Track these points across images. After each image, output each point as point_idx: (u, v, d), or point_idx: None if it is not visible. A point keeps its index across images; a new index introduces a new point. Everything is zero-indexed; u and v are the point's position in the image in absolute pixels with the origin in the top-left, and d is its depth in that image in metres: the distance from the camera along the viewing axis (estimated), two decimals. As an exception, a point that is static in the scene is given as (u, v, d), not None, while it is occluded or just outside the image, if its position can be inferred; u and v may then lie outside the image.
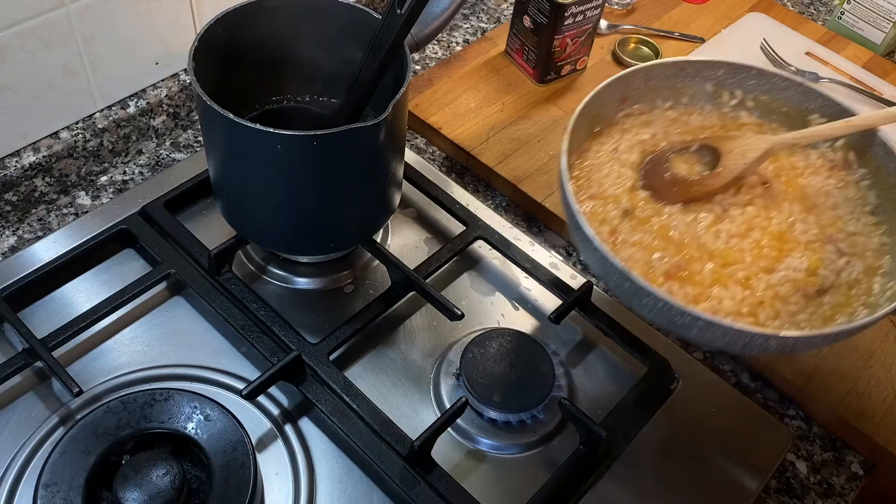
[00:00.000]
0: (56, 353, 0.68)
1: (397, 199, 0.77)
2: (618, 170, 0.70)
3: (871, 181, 0.70)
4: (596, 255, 0.61)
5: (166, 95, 0.86)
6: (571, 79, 1.01)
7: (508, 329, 0.73)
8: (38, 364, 0.69)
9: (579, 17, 0.93)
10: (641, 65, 0.73)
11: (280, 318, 0.72)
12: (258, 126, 0.61)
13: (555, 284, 0.77)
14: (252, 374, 0.70)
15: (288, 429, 0.68)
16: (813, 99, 0.72)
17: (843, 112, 0.71)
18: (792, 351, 0.62)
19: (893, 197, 0.68)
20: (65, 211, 0.82)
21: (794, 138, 0.69)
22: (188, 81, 0.87)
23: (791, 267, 0.64)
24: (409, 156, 0.88)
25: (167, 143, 0.89)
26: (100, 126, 0.82)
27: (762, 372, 0.76)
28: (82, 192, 0.84)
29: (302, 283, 0.78)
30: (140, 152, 0.87)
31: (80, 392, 0.65)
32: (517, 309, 0.78)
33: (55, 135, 0.80)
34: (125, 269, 0.77)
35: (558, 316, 0.74)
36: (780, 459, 0.70)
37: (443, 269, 0.79)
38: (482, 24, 1.10)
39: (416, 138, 0.95)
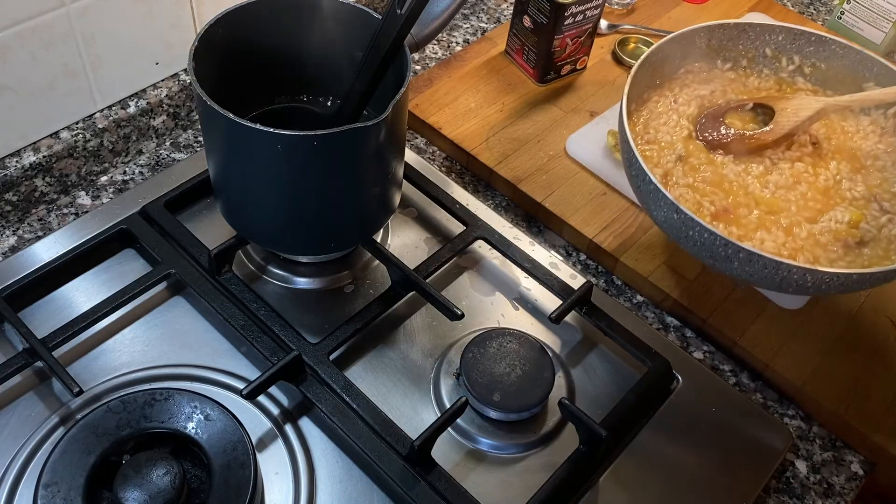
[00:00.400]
0: (56, 353, 0.68)
1: (397, 199, 0.77)
2: (676, 119, 0.73)
3: None
4: (648, 188, 0.63)
5: (166, 95, 0.86)
6: (571, 79, 1.01)
7: (508, 329, 0.73)
8: (39, 364, 0.69)
9: (579, 17, 0.93)
10: (705, 23, 0.76)
11: (280, 318, 0.72)
12: (258, 126, 0.61)
13: (555, 284, 0.77)
14: (252, 373, 0.70)
15: (288, 429, 0.68)
16: (869, 67, 0.75)
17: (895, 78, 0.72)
18: (826, 290, 0.64)
19: None
20: (65, 211, 0.82)
21: (848, 101, 0.71)
22: (188, 81, 0.87)
23: (834, 219, 0.67)
24: (409, 156, 0.88)
25: (167, 143, 0.89)
26: (100, 126, 0.82)
27: (762, 372, 0.76)
28: (82, 192, 0.84)
29: (302, 283, 0.78)
30: (140, 152, 0.87)
31: (81, 392, 0.65)
32: (517, 309, 0.78)
33: (55, 135, 0.80)
34: (125, 269, 0.77)
35: (558, 316, 0.74)
36: (779, 459, 0.70)
37: (443, 269, 0.79)
38: (482, 24, 1.10)
39: (416, 138, 0.95)
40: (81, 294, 0.75)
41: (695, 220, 0.61)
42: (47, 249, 0.76)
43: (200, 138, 0.90)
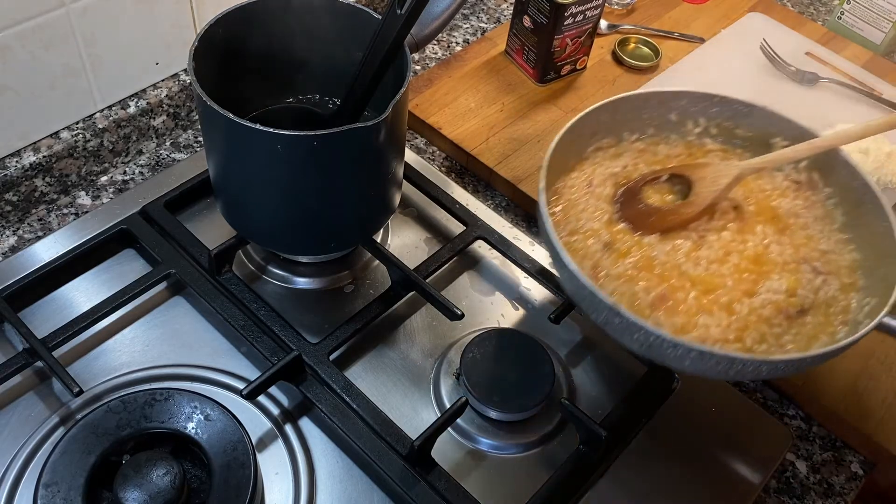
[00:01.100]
0: (56, 353, 0.68)
1: (397, 199, 0.77)
2: (594, 204, 0.71)
3: (837, 200, 0.71)
4: (583, 292, 0.61)
5: (166, 95, 0.86)
6: (571, 79, 1.01)
7: (508, 329, 0.73)
8: (39, 364, 0.69)
9: (579, 17, 0.93)
10: (608, 99, 0.74)
11: (280, 318, 0.72)
12: (258, 126, 0.61)
13: (555, 284, 0.77)
14: (252, 374, 0.70)
15: (288, 429, 0.68)
16: (775, 123, 0.73)
17: (803, 134, 0.72)
18: (782, 374, 0.64)
19: (858, 214, 0.69)
20: (65, 211, 0.82)
21: (762, 162, 0.70)
22: (188, 81, 0.87)
23: (771, 289, 0.65)
24: (409, 156, 0.88)
25: (167, 143, 0.89)
26: (100, 126, 0.82)
27: (762, 372, 0.76)
28: (82, 192, 0.84)
29: (302, 283, 0.78)
30: (140, 152, 0.88)
31: (81, 392, 0.65)
32: (517, 309, 0.78)
33: (55, 135, 0.80)
34: (125, 269, 0.77)
35: (558, 316, 0.74)
36: (779, 459, 0.70)
37: (443, 269, 0.79)
38: (482, 24, 1.10)
39: (416, 138, 0.95)
40: (81, 294, 0.75)
41: (638, 325, 0.58)
42: (47, 249, 0.76)
43: (200, 138, 0.90)
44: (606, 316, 0.61)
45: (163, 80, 0.86)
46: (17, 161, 0.77)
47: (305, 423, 0.69)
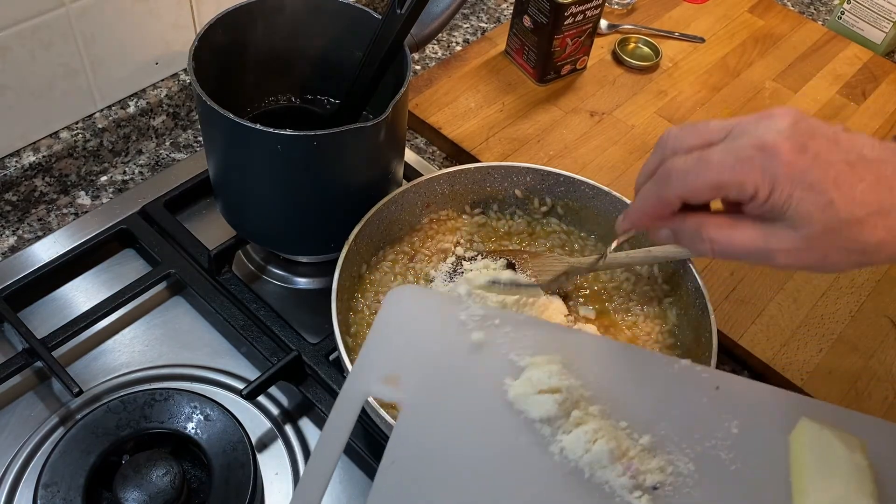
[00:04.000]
0: (56, 353, 0.68)
1: (397, 199, 0.77)
2: (412, 281, 0.71)
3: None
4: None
5: (166, 95, 0.86)
6: (571, 78, 1.01)
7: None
8: (38, 364, 0.69)
9: (579, 17, 0.93)
10: (447, 169, 0.73)
11: (280, 318, 0.72)
12: (258, 126, 0.61)
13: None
14: (252, 374, 0.70)
15: (288, 429, 0.68)
16: (620, 209, 0.72)
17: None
18: None
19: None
20: (65, 211, 0.82)
21: (592, 264, 0.69)
22: (188, 81, 0.87)
23: None
24: (409, 156, 0.88)
25: (167, 143, 0.89)
26: (100, 126, 0.82)
27: (762, 372, 0.76)
28: (82, 192, 0.84)
29: (302, 283, 0.78)
30: (140, 152, 0.87)
31: (80, 392, 0.65)
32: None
33: (55, 135, 0.80)
34: (125, 269, 0.77)
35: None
36: (780, 459, 0.70)
37: (443, 269, 0.79)
38: (482, 24, 1.10)
39: (416, 138, 0.95)
40: (81, 294, 0.75)
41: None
42: (47, 249, 0.76)
43: (200, 138, 0.90)
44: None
45: (163, 80, 0.86)
46: (16, 161, 0.77)
47: (305, 423, 0.69)
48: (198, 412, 0.62)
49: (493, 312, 0.53)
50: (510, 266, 0.70)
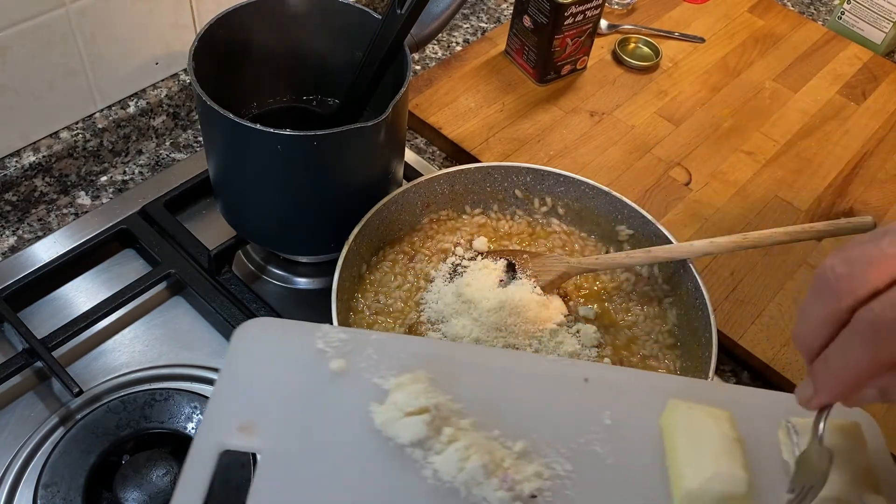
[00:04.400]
0: (56, 353, 0.68)
1: (397, 199, 0.77)
2: (412, 281, 0.71)
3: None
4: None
5: (166, 95, 0.86)
6: (571, 79, 1.01)
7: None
8: (38, 364, 0.68)
9: (579, 17, 0.93)
10: (447, 170, 0.73)
11: (280, 318, 0.72)
12: (258, 126, 0.61)
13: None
14: (252, 374, 0.70)
15: (288, 429, 0.68)
16: (620, 209, 0.73)
17: (646, 223, 0.71)
18: None
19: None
20: (65, 211, 0.82)
21: (592, 265, 0.69)
22: (188, 81, 0.87)
23: None
24: (409, 156, 0.88)
25: (167, 143, 0.89)
26: (100, 126, 0.82)
27: (762, 372, 0.76)
28: (82, 192, 0.84)
29: (302, 283, 0.78)
30: (140, 152, 0.87)
31: (80, 392, 0.65)
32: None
33: (55, 135, 0.80)
34: (125, 269, 0.77)
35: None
36: (780, 459, 0.70)
37: (443, 269, 0.79)
38: (482, 24, 1.10)
39: (416, 138, 0.95)
40: (81, 294, 0.75)
41: None
42: (47, 249, 0.76)
43: (200, 138, 0.90)
44: None
45: (163, 80, 0.86)
46: (16, 161, 0.77)
47: (305, 424, 0.68)
48: (198, 412, 0.62)
49: (353, 335, 0.49)
50: (510, 266, 0.70)
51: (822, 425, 0.44)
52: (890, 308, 0.36)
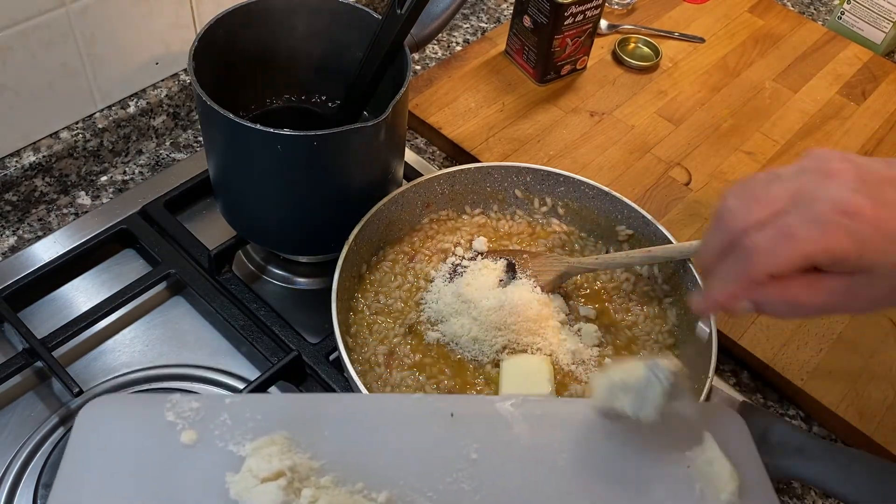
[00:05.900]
0: (56, 353, 0.68)
1: (397, 199, 0.77)
2: (412, 281, 0.71)
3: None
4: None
5: (166, 95, 0.86)
6: (571, 79, 1.01)
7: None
8: (38, 364, 0.69)
9: (579, 17, 0.93)
10: (447, 169, 0.73)
11: (280, 318, 0.72)
12: (258, 126, 0.61)
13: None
14: (252, 374, 0.70)
15: (288, 429, 0.68)
16: (620, 209, 0.73)
17: (645, 223, 0.71)
18: None
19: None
20: (65, 211, 0.82)
21: (592, 264, 0.70)
22: (188, 81, 0.87)
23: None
24: (409, 156, 0.88)
25: (167, 143, 0.89)
26: (100, 126, 0.82)
27: (762, 372, 0.76)
28: (82, 192, 0.84)
29: (302, 283, 0.78)
30: (140, 152, 0.87)
31: (81, 392, 0.65)
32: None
33: (55, 135, 0.80)
34: (125, 269, 0.77)
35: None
36: (780, 459, 0.70)
37: (443, 269, 0.79)
38: (482, 24, 1.10)
39: (416, 138, 0.95)
40: (81, 294, 0.75)
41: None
42: (47, 249, 0.76)
43: (200, 138, 0.90)
44: None
45: (163, 80, 0.86)
46: (16, 161, 0.77)
47: (305, 424, 0.69)
48: (198, 412, 0.62)
49: (205, 402, 0.47)
50: (510, 266, 0.70)
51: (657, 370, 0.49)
52: (762, 238, 0.44)
